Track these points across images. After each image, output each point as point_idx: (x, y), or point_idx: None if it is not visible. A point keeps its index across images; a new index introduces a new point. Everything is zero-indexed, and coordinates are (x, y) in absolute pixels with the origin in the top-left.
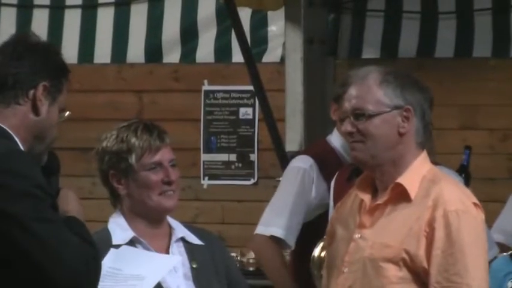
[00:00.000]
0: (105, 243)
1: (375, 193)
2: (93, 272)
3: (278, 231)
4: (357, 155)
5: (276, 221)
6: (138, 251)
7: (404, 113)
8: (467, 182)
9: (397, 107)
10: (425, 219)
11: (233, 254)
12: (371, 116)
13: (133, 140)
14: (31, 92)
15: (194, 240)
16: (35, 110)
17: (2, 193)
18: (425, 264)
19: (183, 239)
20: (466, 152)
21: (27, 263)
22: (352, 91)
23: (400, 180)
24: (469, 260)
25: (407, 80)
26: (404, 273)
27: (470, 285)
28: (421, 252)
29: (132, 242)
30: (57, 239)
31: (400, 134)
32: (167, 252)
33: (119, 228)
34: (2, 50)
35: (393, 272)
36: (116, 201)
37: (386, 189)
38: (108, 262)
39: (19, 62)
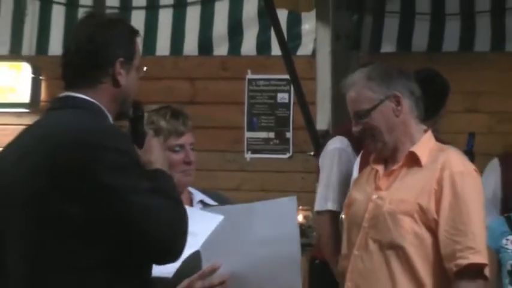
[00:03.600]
0: None
1: (386, 165)
2: (185, 231)
3: (334, 206)
4: (373, 148)
5: (329, 197)
6: (193, 209)
7: (395, 99)
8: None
9: (386, 97)
10: (435, 178)
11: None
12: (369, 112)
13: (161, 123)
14: (110, 70)
15: (211, 202)
16: (116, 83)
17: (97, 167)
18: (435, 215)
19: (202, 202)
20: (470, 137)
21: (128, 230)
22: (348, 97)
23: (413, 149)
24: (471, 212)
25: (388, 71)
26: (418, 225)
27: (474, 232)
28: (432, 206)
29: None
30: (153, 205)
31: (397, 116)
32: None
33: None
34: (76, 36)
35: (409, 223)
36: None
37: (399, 161)
38: None
39: (93, 45)
